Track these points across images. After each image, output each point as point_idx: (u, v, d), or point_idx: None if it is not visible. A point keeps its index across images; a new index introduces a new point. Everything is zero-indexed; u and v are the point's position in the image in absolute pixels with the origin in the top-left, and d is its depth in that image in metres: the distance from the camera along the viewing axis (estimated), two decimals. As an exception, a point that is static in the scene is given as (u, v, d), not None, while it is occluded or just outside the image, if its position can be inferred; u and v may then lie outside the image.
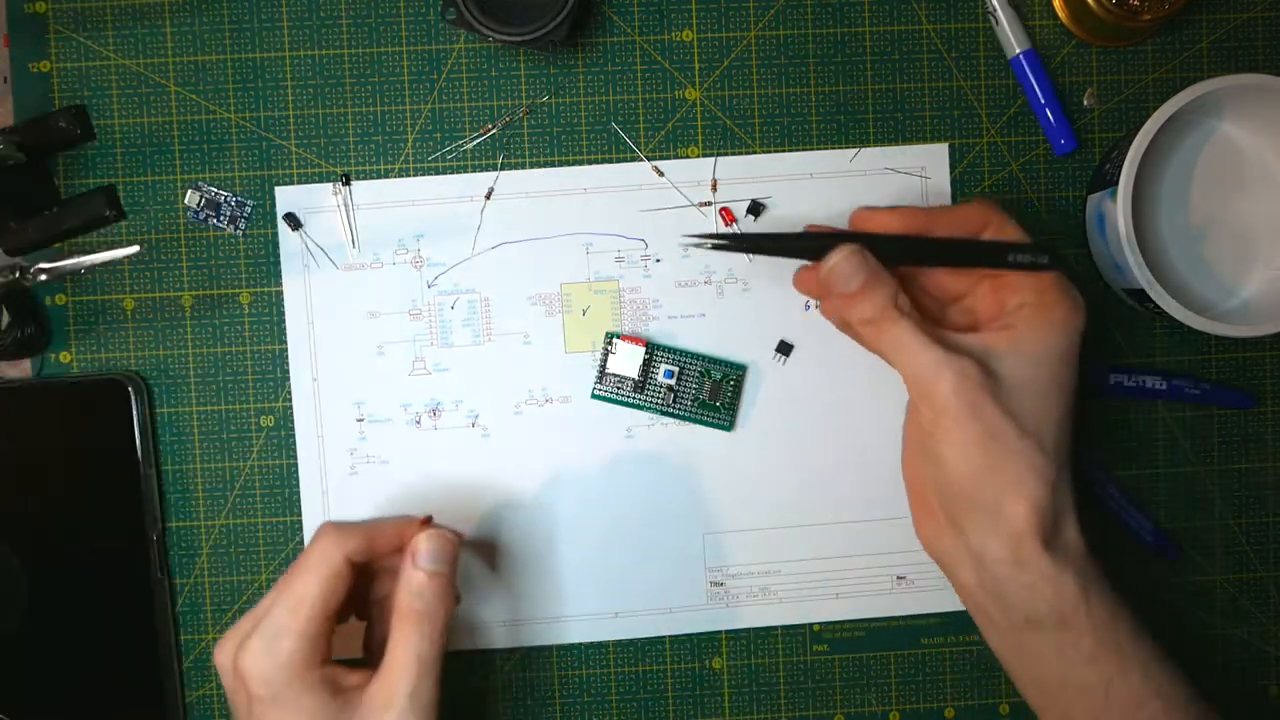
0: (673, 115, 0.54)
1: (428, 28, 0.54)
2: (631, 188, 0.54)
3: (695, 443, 0.54)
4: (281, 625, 0.42)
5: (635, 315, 0.54)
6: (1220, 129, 0.53)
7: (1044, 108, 0.54)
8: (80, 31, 0.53)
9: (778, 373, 0.54)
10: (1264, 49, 0.55)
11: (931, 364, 0.43)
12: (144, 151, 0.54)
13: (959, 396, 0.42)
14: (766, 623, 0.55)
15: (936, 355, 0.43)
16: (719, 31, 0.54)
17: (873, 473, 0.51)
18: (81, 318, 0.54)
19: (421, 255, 0.54)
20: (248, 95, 0.54)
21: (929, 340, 0.43)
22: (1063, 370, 0.44)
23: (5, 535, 0.52)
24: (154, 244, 0.54)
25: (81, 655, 0.53)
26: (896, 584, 0.55)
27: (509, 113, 0.54)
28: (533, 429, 0.54)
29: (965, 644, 0.56)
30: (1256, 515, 0.56)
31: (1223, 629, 0.56)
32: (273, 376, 0.54)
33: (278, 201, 0.54)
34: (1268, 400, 0.56)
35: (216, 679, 0.54)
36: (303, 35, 0.54)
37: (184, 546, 0.54)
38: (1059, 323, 0.45)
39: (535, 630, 0.55)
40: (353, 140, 0.54)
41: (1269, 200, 0.53)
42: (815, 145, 0.55)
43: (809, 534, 0.55)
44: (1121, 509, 0.55)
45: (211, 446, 0.54)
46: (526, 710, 0.55)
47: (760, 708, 0.55)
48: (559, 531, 0.54)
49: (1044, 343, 0.44)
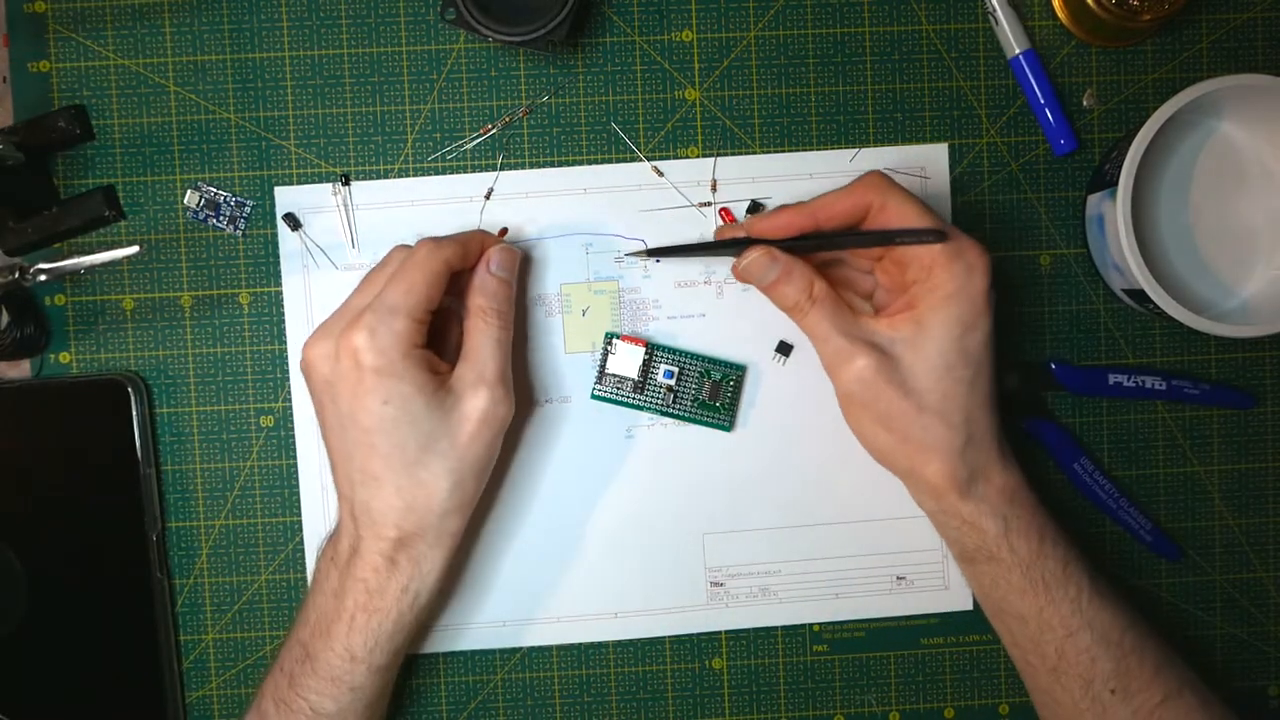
0: (672, 115, 0.54)
1: (428, 28, 0.54)
2: (631, 188, 0.54)
3: (695, 443, 0.54)
4: (396, 304, 0.46)
5: (635, 315, 0.54)
6: (1220, 129, 0.53)
7: (1044, 108, 0.54)
8: (80, 31, 0.53)
9: (778, 373, 0.54)
10: (1264, 49, 0.55)
11: (836, 353, 0.47)
12: (144, 151, 0.54)
13: (859, 385, 0.47)
14: (766, 623, 0.55)
15: (840, 344, 0.47)
16: (719, 31, 0.54)
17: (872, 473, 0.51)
18: (81, 318, 0.54)
19: (421, 255, 0.54)
20: (247, 95, 0.54)
21: (836, 329, 0.47)
22: (966, 335, 0.47)
23: (5, 535, 0.52)
24: (154, 244, 0.54)
25: (81, 655, 0.53)
26: (896, 584, 0.55)
27: (509, 113, 0.54)
28: (533, 429, 0.54)
29: (965, 644, 0.56)
30: (1256, 515, 0.56)
31: (1223, 629, 0.56)
32: (273, 376, 0.54)
33: (277, 201, 0.54)
34: (1268, 400, 0.56)
35: (217, 679, 0.54)
36: (303, 35, 0.54)
37: (184, 546, 0.54)
38: (953, 294, 0.46)
39: (535, 630, 0.55)
40: (352, 140, 0.54)
41: (1269, 200, 0.53)
42: (815, 145, 0.55)
43: (809, 534, 0.55)
44: (1121, 509, 0.55)
45: (211, 446, 0.54)
46: (526, 710, 0.55)
47: (760, 708, 0.55)
48: (559, 531, 0.54)
49: (941, 318, 0.46)
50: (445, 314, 0.51)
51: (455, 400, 0.47)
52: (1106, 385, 0.54)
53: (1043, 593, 0.48)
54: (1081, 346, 0.55)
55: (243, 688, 0.54)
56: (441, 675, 0.55)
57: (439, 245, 0.48)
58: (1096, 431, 0.56)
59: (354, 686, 0.47)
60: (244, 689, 0.54)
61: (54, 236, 0.48)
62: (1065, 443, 0.55)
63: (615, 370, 0.54)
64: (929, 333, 0.46)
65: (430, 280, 0.47)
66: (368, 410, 0.46)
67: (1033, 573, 0.48)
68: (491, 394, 0.47)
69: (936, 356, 0.46)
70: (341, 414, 0.47)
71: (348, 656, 0.47)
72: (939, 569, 0.55)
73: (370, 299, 0.47)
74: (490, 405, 0.47)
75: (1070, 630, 0.48)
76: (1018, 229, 0.55)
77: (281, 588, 0.54)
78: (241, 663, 0.54)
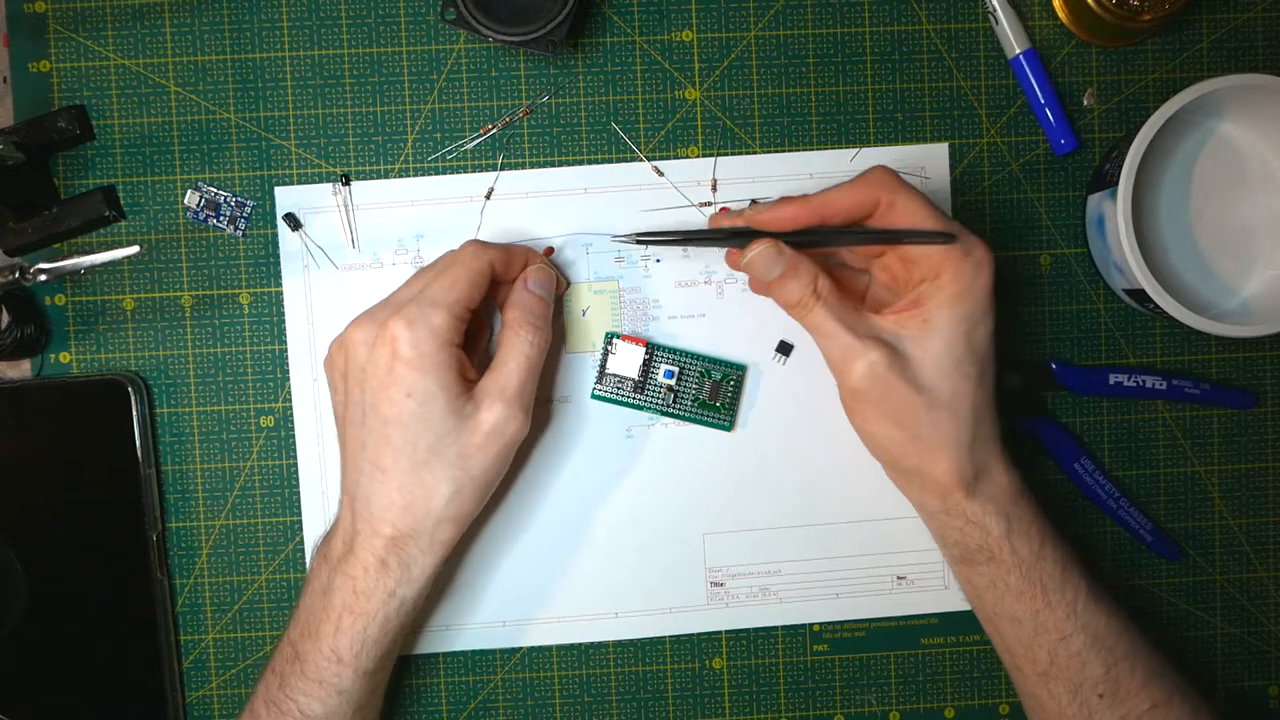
0: (673, 115, 0.54)
1: (428, 28, 0.54)
2: (631, 188, 0.54)
3: (695, 443, 0.54)
4: (438, 298, 0.47)
5: (635, 315, 0.54)
6: (1220, 129, 0.53)
7: (1044, 108, 0.54)
8: (80, 31, 0.53)
9: (778, 373, 0.54)
10: (1264, 49, 0.55)
11: (845, 349, 0.47)
12: (144, 151, 0.54)
13: (870, 381, 0.46)
14: (766, 623, 0.55)
15: (848, 341, 0.46)
16: (719, 31, 0.54)
17: (872, 473, 0.51)
18: (81, 318, 0.54)
19: (421, 255, 0.54)
20: (248, 95, 0.54)
21: (842, 326, 0.47)
22: (973, 332, 0.47)
23: (5, 535, 0.52)
24: (154, 244, 0.54)
25: (81, 655, 0.53)
26: (896, 584, 0.55)
27: (509, 113, 0.54)
28: (533, 429, 0.54)
29: (965, 644, 0.56)
30: (1256, 515, 0.56)
31: (1222, 629, 0.56)
32: (273, 377, 0.54)
33: (277, 202, 0.54)
34: (1268, 400, 0.56)
35: (217, 679, 0.54)
36: (303, 35, 0.54)
37: (184, 546, 0.54)
38: (962, 292, 0.46)
39: (535, 630, 0.55)
40: (352, 140, 0.54)
41: (1269, 200, 0.53)
42: (815, 145, 0.55)
43: (809, 534, 0.55)
44: (1121, 509, 0.55)
45: (211, 446, 0.54)
46: (526, 710, 0.55)
47: (760, 708, 0.55)
48: (559, 531, 0.54)
49: (950, 315, 0.46)
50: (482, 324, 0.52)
51: (473, 409, 0.47)
52: (1107, 385, 0.54)
53: (1040, 595, 0.48)
54: (1081, 346, 0.55)
55: (243, 688, 0.54)
56: (441, 675, 0.55)
57: (485, 247, 0.49)
58: (1096, 431, 0.56)
59: (341, 690, 0.47)
60: (244, 689, 0.54)
61: (54, 236, 0.48)
62: (1065, 443, 0.55)
63: (615, 370, 0.54)
64: (938, 329, 0.46)
65: (473, 279, 0.48)
66: (391, 400, 0.46)
67: (1031, 575, 0.48)
68: (507, 409, 0.47)
69: (945, 353, 0.46)
70: (365, 402, 0.47)
71: (334, 658, 0.47)
72: (939, 569, 0.55)
73: (415, 293, 0.47)
74: (502, 420, 0.47)
75: (1064, 634, 0.48)
76: (1018, 229, 0.55)
77: (281, 588, 0.54)
78: (241, 663, 0.54)
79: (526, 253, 0.51)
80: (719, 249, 0.53)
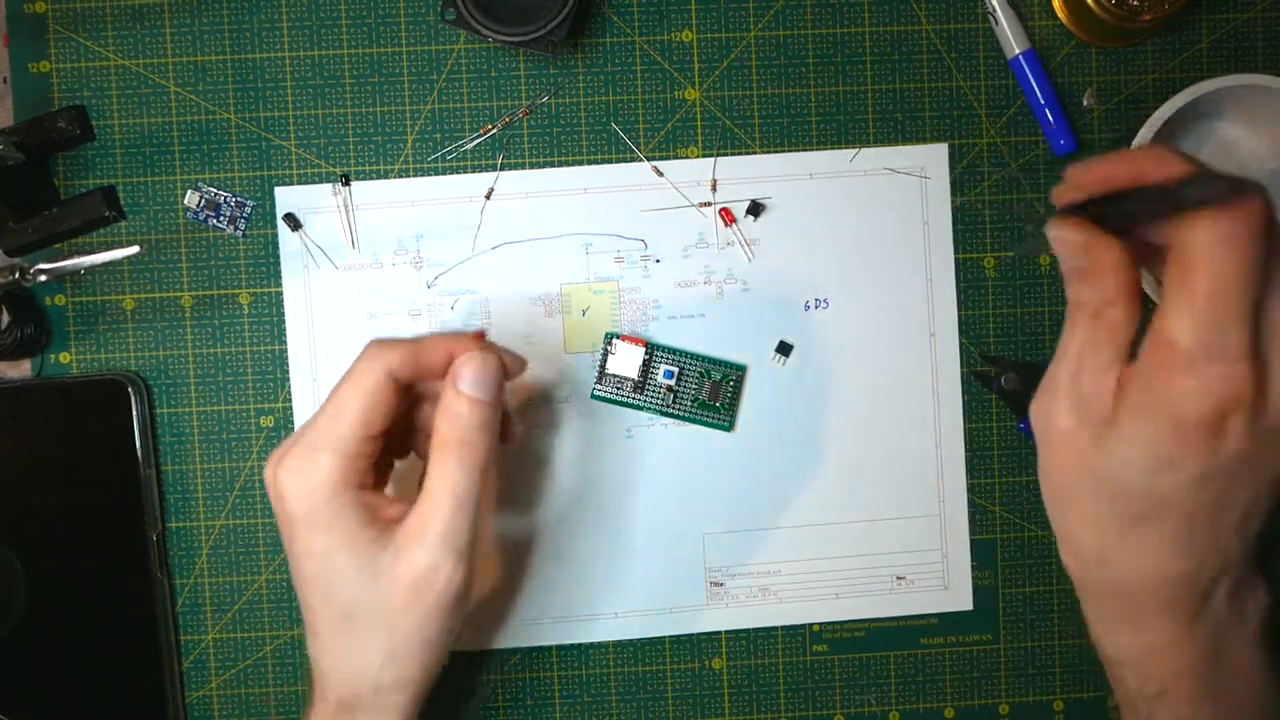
0: (672, 115, 0.54)
1: (428, 28, 0.54)
2: (631, 188, 0.54)
3: (695, 443, 0.54)
4: (319, 439, 0.39)
5: (635, 315, 0.54)
6: (1220, 129, 0.53)
7: (1044, 108, 0.54)
8: (80, 31, 0.53)
9: (778, 373, 0.54)
10: (1264, 49, 0.55)
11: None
12: (144, 152, 0.54)
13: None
14: (766, 623, 0.55)
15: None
16: (719, 32, 0.54)
17: (873, 473, 0.51)
18: (81, 318, 0.54)
19: (421, 255, 0.54)
20: (248, 95, 0.54)
21: (1110, 362, 0.36)
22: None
23: (5, 535, 0.52)
24: (154, 244, 0.54)
25: (81, 655, 0.53)
26: (896, 584, 0.55)
27: (509, 113, 0.54)
28: (533, 429, 0.54)
29: (965, 644, 0.56)
30: (1256, 515, 0.56)
31: (1222, 629, 0.56)
32: (273, 377, 0.54)
33: (277, 202, 0.54)
34: (1268, 400, 0.56)
35: (217, 679, 0.54)
36: (303, 35, 0.54)
37: (184, 546, 0.54)
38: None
39: (535, 630, 0.55)
40: (352, 140, 0.54)
41: (1269, 200, 0.53)
42: (815, 145, 0.55)
43: (809, 534, 0.55)
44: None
45: (211, 446, 0.54)
46: (526, 710, 0.55)
47: (760, 708, 0.55)
48: (559, 532, 0.54)
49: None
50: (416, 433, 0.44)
51: (392, 558, 0.39)
52: (1106, 385, 0.54)
53: None
54: (1081, 346, 0.55)
55: (243, 688, 0.54)
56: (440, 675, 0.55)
57: (382, 350, 0.40)
58: (1096, 431, 0.55)
59: None
60: (244, 689, 0.54)
61: (54, 236, 0.48)
62: (1065, 443, 0.55)
63: (615, 370, 0.54)
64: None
65: (366, 400, 0.39)
66: (294, 557, 0.41)
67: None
68: (430, 556, 0.39)
69: None
70: (289, 553, 0.42)
71: None
72: (939, 569, 0.55)
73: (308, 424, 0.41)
74: (426, 571, 0.39)
75: None
76: (1018, 229, 0.55)
77: (281, 588, 0.54)
78: (241, 663, 0.55)
79: (449, 342, 0.41)
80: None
